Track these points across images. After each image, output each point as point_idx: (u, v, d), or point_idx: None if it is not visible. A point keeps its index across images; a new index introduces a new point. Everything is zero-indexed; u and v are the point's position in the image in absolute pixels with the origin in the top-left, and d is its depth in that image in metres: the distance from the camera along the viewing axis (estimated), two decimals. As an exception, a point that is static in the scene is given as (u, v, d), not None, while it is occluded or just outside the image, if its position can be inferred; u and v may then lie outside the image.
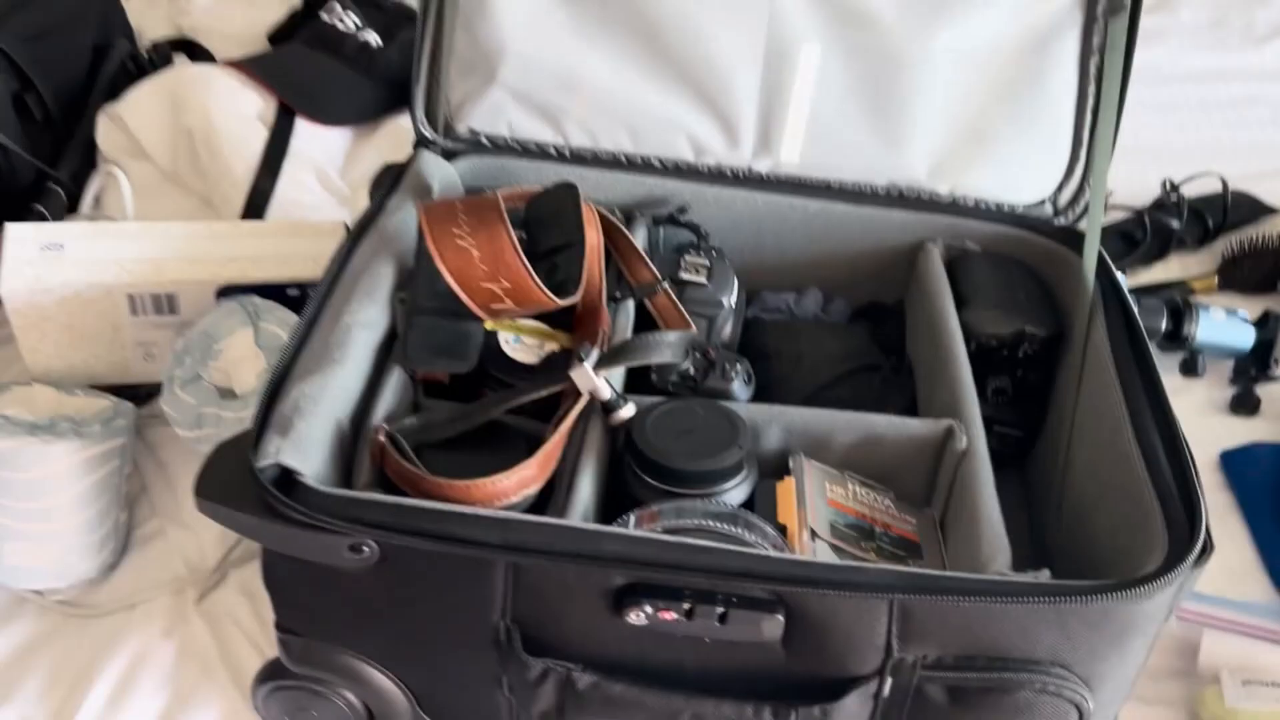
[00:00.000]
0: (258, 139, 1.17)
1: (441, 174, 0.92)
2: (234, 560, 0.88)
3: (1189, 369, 1.05)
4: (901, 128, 0.92)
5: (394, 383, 0.76)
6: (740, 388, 0.82)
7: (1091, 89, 0.91)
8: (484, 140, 0.95)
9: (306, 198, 1.17)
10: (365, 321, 0.76)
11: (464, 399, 0.79)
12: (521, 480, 0.68)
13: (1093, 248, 0.86)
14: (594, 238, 0.84)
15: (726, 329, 0.88)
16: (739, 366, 0.82)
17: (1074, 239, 0.90)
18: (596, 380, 0.73)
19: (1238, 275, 1.18)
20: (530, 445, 0.72)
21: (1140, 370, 0.77)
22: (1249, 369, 1.06)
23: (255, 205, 1.15)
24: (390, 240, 0.83)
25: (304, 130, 1.20)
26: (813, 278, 0.98)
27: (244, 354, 0.88)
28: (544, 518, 0.64)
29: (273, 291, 0.92)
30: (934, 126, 0.92)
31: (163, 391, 0.88)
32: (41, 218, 1.09)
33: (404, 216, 0.86)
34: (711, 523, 0.66)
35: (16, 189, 1.10)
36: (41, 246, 0.91)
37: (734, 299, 0.87)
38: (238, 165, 1.15)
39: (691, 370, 0.82)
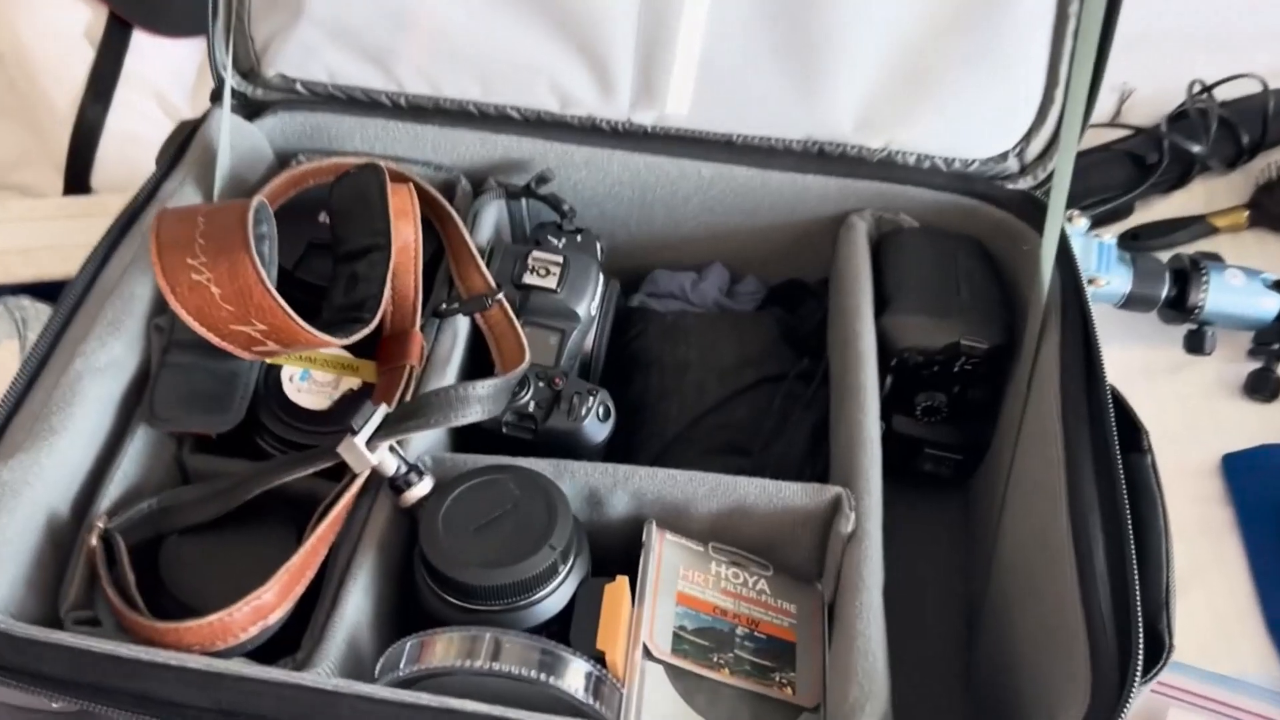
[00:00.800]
0: (83, 60, 0.98)
1: (242, 138, 0.73)
2: None
3: (1195, 345, 0.85)
4: (821, 67, 0.71)
5: (138, 448, 0.61)
6: (594, 426, 0.66)
7: (1074, 6, 0.69)
8: (299, 88, 0.76)
9: (146, 129, 0.98)
10: (104, 364, 0.60)
11: (238, 452, 0.63)
12: (256, 610, 0.53)
13: (1054, 231, 0.66)
14: (408, 235, 0.66)
15: (587, 341, 0.70)
16: (593, 399, 0.65)
17: (1035, 210, 0.70)
18: (374, 457, 0.57)
19: (1273, 208, 0.96)
20: (302, 530, 0.57)
21: (1093, 419, 0.59)
22: (1272, 343, 0.86)
23: (83, 141, 0.97)
24: None
25: (141, 45, 1.00)
26: (716, 253, 0.80)
27: (6, 373, 0.73)
28: (266, 671, 0.49)
29: (50, 290, 0.76)
30: (863, 64, 0.71)
31: None
32: None
33: (182, 204, 0.69)
34: (502, 665, 0.51)
35: None
36: None
37: (594, 304, 0.69)
38: (58, 93, 0.97)
39: (531, 406, 0.65)
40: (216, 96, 0.75)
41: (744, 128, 0.73)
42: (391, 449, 0.58)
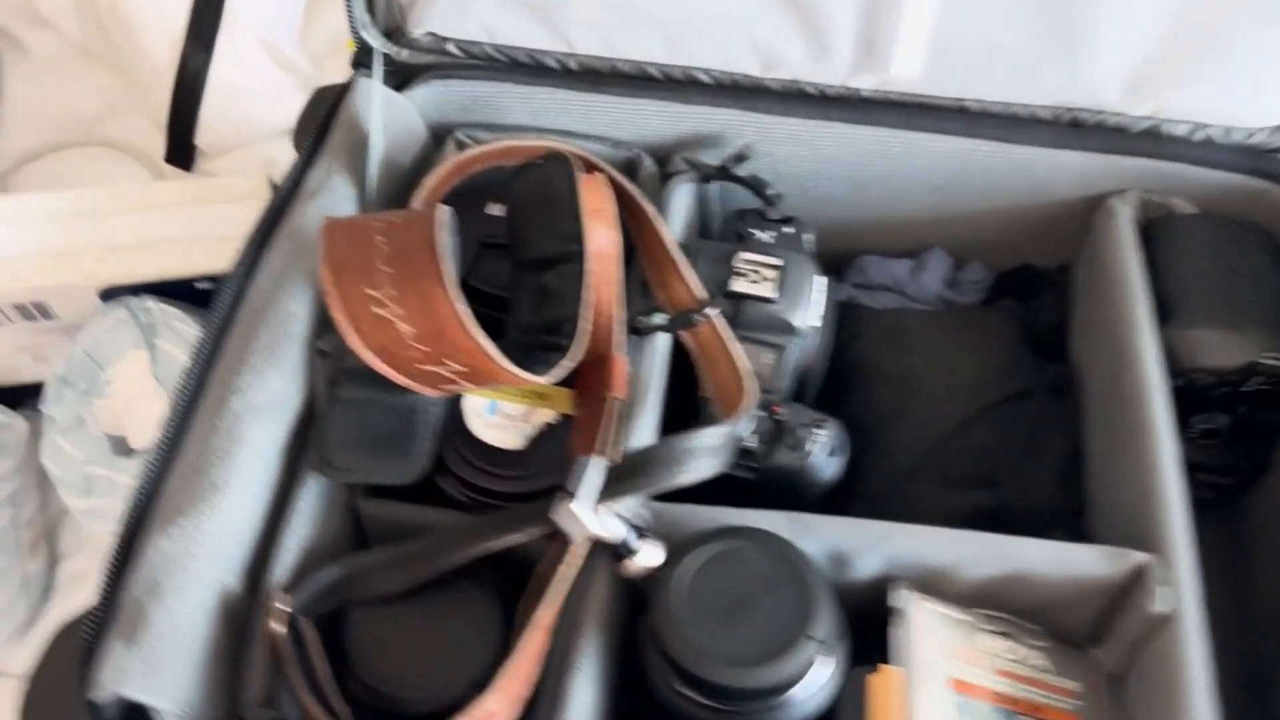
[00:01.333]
0: (181, 4, 0.87)
1: (392, 113, 0.63)
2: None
3: None
4: (1082, 15, 0.59)
5: (310, 501, 0.52)
6: (824, 463, 0.56)
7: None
8: (451, 49, 0.65)
9: (254, 80, 0.88)
10: (263, 402, 0.52)
11: (419, 496, 0.55)
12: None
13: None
14: (605, 240, 0.56)
15: (813, 356, 0.60)
16: (823, 433, 0.56)
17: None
18: (597, 524, 0.48)
19: None
20: (509, 599, 0.49)
21: None
22: None
23: (185, 95, 0.87)
24: (310, 244, 0.56)
25: (240, -18, 0.89)
26: (936, 237, 0.68)
27: (137, 388, 0.64)
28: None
29: (177, 289, 0.67)
30: (1135, 10, 0.58)
31: (42, 435, 0.66)
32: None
33: (333, 199, 0.59)
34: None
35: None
36: None
37: (813, 313, 0.59)
38: (157, 42, 0.86)
39: (754, 440, 0.56)
40: (361, 63, 0.64)
41: (984, 92, 0.62)
42: (616, 514, 0.49)
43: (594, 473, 0.48)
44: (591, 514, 0.47)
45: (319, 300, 0.55)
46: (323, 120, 0.62)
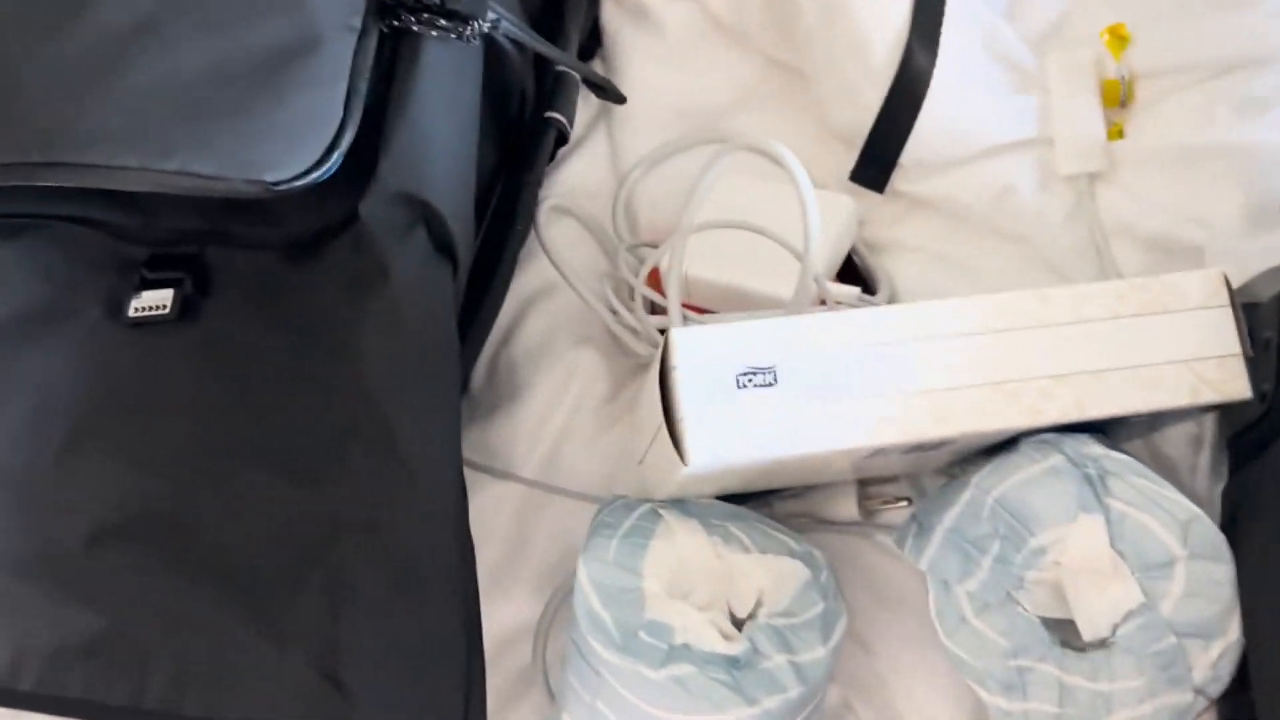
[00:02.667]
0: (902, -12, 0.68)
1: None
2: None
3: None
4: None
5: None
6: None
7: None
8: None
9: (973, 80, 0.70)
10: None
11: None
12: None
13: None
14: None
15: None
16: None
17: None
18: None
19: None
20: None
21: None
22: None
23: (900, 102, 0.69)
24: None
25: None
26: None
27: (1090, 560, 0.49)
28: None
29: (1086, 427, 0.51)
30: None
31: (936, 602, 0.51)
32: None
33: None
34: None
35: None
36: (735, 382, 0.49)
37: None
38: (876, 34, 0.68)
39: None
40: None
41: None
42: None
43: None
44: None
45: None
46: None
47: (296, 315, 0.58)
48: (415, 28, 0.58)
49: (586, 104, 0.76)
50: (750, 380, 0.48)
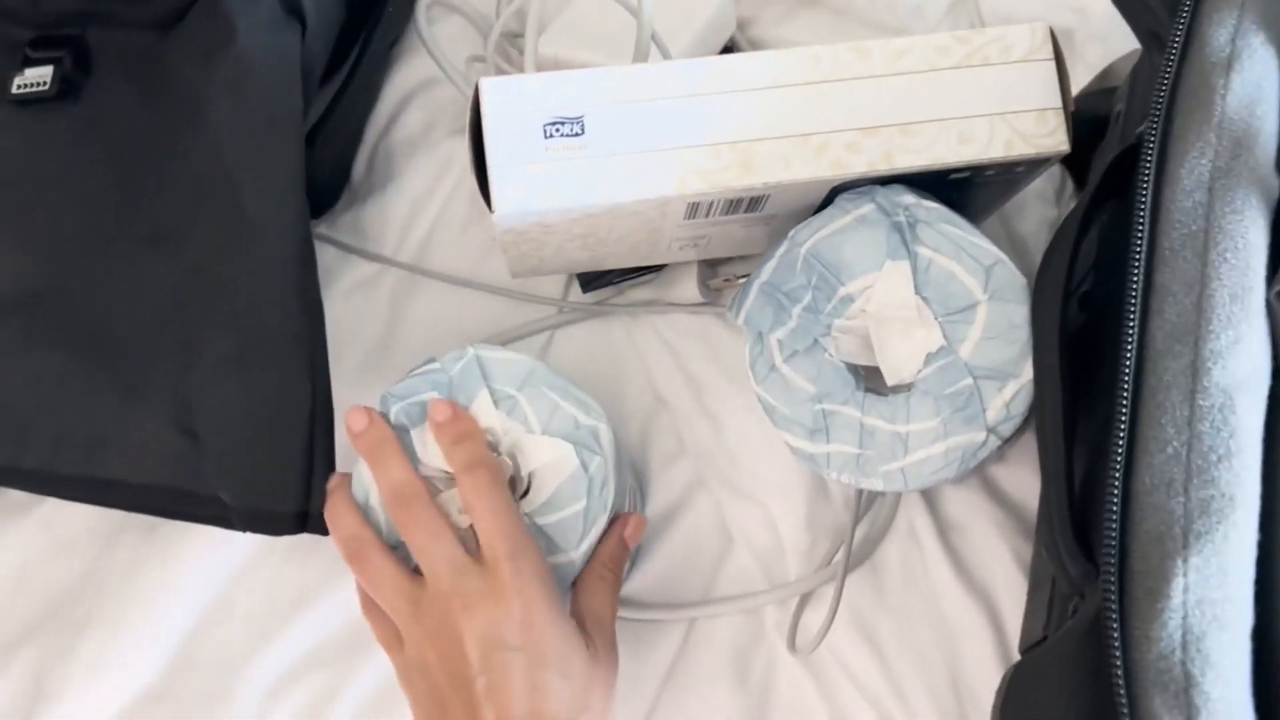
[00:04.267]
0: None
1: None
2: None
3: None
4: None
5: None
6: None
7: None
8: None
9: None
10: (1245, 374, 0.38)
11: None
12: None
13: None
14: None
15: None
16: None
17: None
18: None
19: None
20: None
21: None
22: None
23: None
24: (1251, 137, 0.39)
25: None
26: None
27: (895, 306, 0.50)
28: None
29: (922, 180, 0.51)
30: None
31: (750, 353, 0.53)
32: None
33: (1258, 69, 0.42)
34: None
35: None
36: (542, 132, 0.50)
37: None
38: None
39: None
40: None
41: None
42: None
43: None
44: None
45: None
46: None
47: (165, 89, 0.59)
48: None
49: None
50: (558, 130, 0.49)
